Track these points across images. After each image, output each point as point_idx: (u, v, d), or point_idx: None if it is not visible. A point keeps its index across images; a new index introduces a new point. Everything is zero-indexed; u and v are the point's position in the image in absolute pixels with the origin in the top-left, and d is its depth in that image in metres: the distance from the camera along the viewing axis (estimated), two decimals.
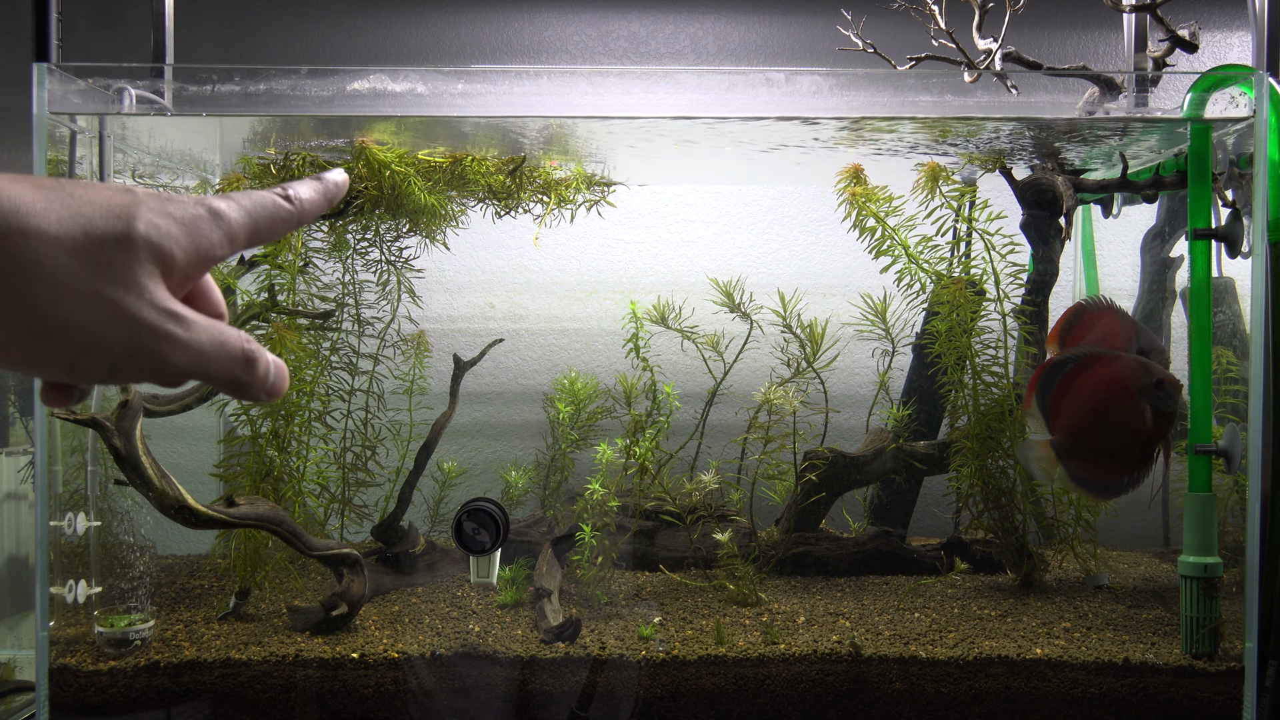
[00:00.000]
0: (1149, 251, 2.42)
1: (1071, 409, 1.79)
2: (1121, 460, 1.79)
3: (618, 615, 1.92)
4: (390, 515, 2.12)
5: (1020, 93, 1.88)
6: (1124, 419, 1.77)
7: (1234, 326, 2.18)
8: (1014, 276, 2.10)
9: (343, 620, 1.84)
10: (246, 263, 2.05)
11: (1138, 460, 1.77)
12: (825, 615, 1.93)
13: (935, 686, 1.71)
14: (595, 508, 2.01)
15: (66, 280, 0.54)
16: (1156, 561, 2.34)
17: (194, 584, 2.12)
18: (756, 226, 2.56)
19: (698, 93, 1.85)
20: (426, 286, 2.28)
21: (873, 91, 1.77)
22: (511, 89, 1.79)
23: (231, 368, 0.61)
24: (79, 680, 1.69)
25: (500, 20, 2.62)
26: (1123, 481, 1.78)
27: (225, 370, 0.61)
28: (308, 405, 2.04)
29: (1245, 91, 1.70)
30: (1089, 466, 1.80)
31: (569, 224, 2.22)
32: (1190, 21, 1.97)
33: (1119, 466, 1.79)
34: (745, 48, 2.64)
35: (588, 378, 2.34)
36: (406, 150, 1.97)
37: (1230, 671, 1.70)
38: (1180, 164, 1.93)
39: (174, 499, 1.73)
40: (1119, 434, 1.78)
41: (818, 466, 2.19)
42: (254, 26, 2.55)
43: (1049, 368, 1.82)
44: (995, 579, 2.17)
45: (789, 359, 2.21)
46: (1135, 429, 1.76)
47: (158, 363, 0.58)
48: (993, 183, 2.18)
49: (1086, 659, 1.72)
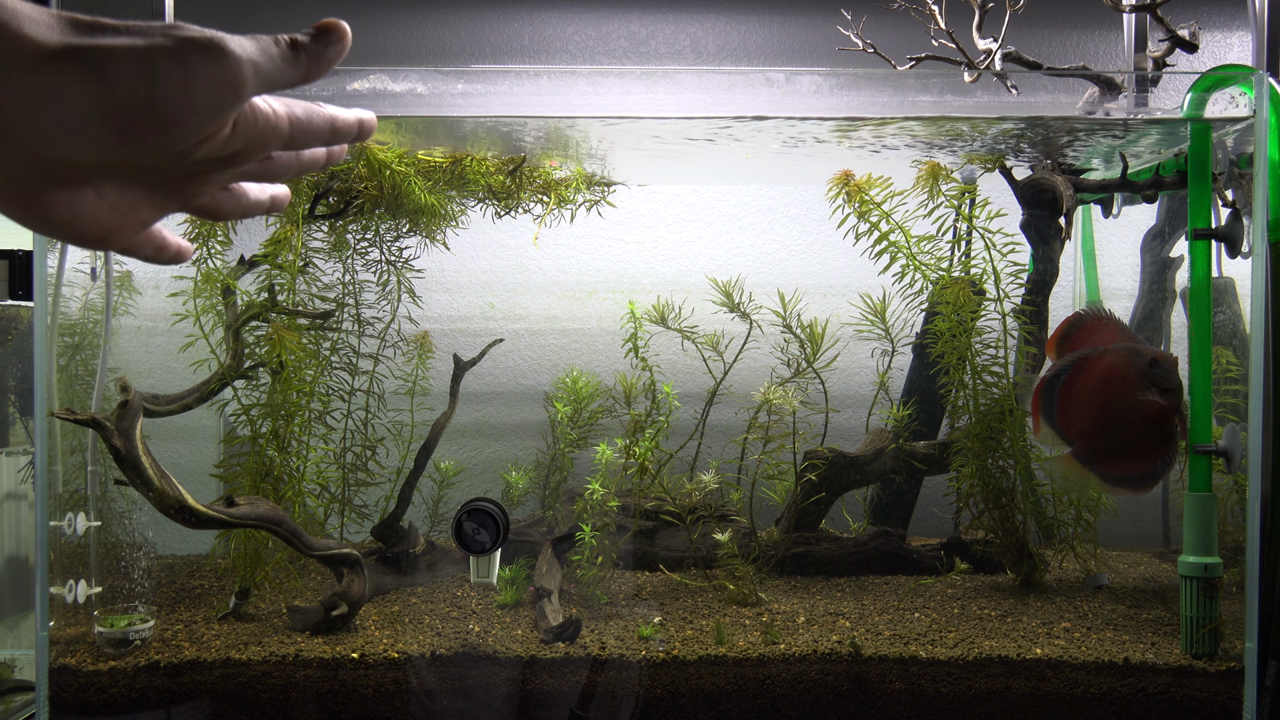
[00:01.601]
0: (1149, 251, 2.42)
1: (1080, 416, 1.78)
2: (1146, 447, 1.77)
3: (618, 615, 1.92)
4: (390, 515, 2.12)
5: (1020, 93, 1.88)
6: (1133, 408, 1.76)
7: (1234, 326, 2.18)
8: (1014, 276, 2.10)
9: (343, 620, 1.84)
10: (247, 263, 2.05)
11: (1162, 441, 1.75)
12: (825, 615, 1.93)
13: (935, 686, 1.71)
14: (595, 508, 2.01)
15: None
16: (1156, 561, 2.34)
17: (194, 584, 2.12)
18: (756, 226, 2.56)
19: (698, 93, 1.85)
20: (426, 286, 2.28)
21: (873, 91, 1.77)
22: (511, 89, 1.79)
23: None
24: (79, 680, 1.69)
25: (500, 20, 2.62)
26: (1156, 467, 1.76)
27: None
28: (308, 405, 2.04)
29: (1245, 91, 1.70)
30: (1118, 465, 1.79)
31: (569, 224, 2.22)
32: (1190, 21, 1.98)
33: (1146, 453, 1.77)
34: (745, 48, 2.64)
35: (589, 376, 2.34)
36: (406, 150, 1.97)
37: (1230, 671, 1.69)
38: (1180, 164, 1.93)
39: (174, 499, 1.73)
40: (1134, 423, 1.76)
41: (818, 466, 2.19)
42: (253, 26, 2.55)
43: (1045, 385, 1.81)
44: (995, 579, 2.17)
45: (789, 359, 2.21)
46: (1147, 413, 1.75)
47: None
48: (993, 182, 2.18)
49: (1086, 659, 1.72)
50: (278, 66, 0.61)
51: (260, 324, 2.00)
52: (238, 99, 0.60)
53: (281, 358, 1.96)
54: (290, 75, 0.63)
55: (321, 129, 0.69)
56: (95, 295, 2.01)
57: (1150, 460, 1.76)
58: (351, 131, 0.71)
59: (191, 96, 0.57)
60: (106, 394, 1.90)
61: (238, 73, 0.59)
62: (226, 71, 0.58)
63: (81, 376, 2.02)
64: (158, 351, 2.14)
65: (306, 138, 0.68)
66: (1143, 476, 1.80)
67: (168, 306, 2.02)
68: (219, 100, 0.58)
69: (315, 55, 0.63)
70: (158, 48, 0.56)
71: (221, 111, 0.59)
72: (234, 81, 0.59)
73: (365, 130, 0.72)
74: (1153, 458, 1.76)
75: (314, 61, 0.63)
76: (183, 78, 0.57)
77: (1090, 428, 1.78)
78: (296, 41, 0.63)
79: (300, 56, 0.63)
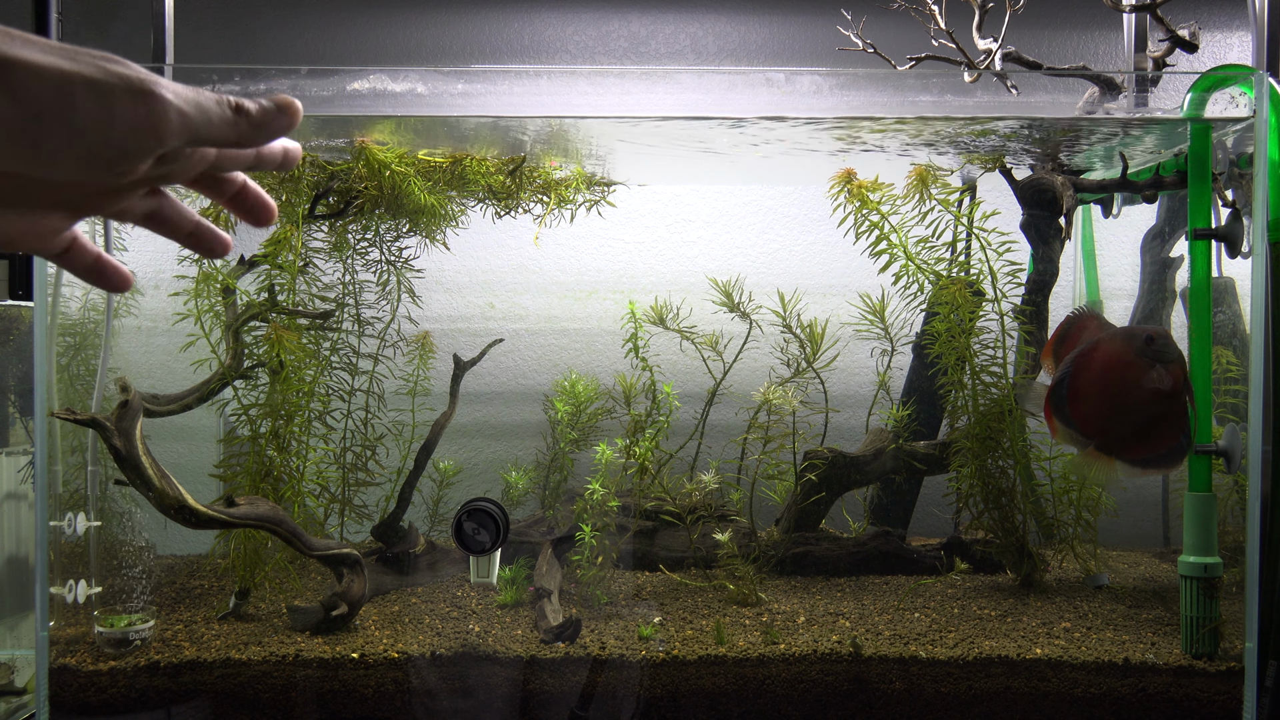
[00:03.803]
0: (1149, 251, 2.42)
1: (1092, 410, 1.78)
2: (1165, 424, 1.76)
3: (618, 615, 1.92)
4: (390, 515, 2.12)
5: (1020, 93, 1.88)
6: (1141, 387, 1.75)
7: (1234, 326, 2.18)
8: (1012, 276, 2.10)
9: (343, 620, 1.84)
10: (246, 263, 2.05)
11: (1179, 415, 1.75)
12: (825, 615, 1.93)
13: (935, 686, 1.71)
14: (595, 508, 2.01)
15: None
16: (1156, 561, 2.34)
17: (194, 584, 2.12)
18: (756, 226, 2.56)
19: (698, 93, 1.85)
20: (426, 286, 2.28)
21: (873, 91, 1.77)
22: (511, 89, 1.79)
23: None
24: (79, 680, 1.69)
25: (500, 20, 2.62)
26: (1181, 441, 1.76)
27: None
28: (308, 405, 2.04)
29: (1245, 91, 1.70)
30: (1142, 448, 1.78)
31: (569, 224, 2.22)
32: (1190, 21, 1.98)
33: (1167, 428, 1.76)
34: (745, 48, 2.64)
35: (588, 379, 2.34)
36: (406, 150, 1.97)
37: (1230, 671, 1.70)
38: (1180, 164, 1.93)
39: (174, 499, 1.73)
40: (1146, 402, 1.75)
41: (818, 466, 2.19)
42: (254, 26, 2.56)
43: (1052, 391, 1.82)
44: (995, 579, 2.17)
45: (789, 359, 2.21)
46: (1156, 391, 1.74)
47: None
48: (993, 182, 2.18)
49: (1086, 659, 1.72)
50: (211, 124, 0.61)
51: (260, 324, 2.00)
52: (159, 144, 0.59)
53: (281, 358, 1.96)
54: (224, 136, 0.63)
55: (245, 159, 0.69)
56: (95, 295, 2.01)
57: (1174, 434, 1.76)
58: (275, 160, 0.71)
59: (109, 132, 0.57)
60: (106, 394, 1.90)
61: (163, 119, 0.58)
62: (152, 115, 0.58)
63: (81, 376, 2.02)
64: (158, 351, 2.14)
65: (231, 162, 0.69)
66: (1170, 453, 1.78)
67: (168, 306, 2.02)
68: (138, 141, 0.58)
69: (257, 124, 0.64)
70: (83, 76, 0.56)
71: (139, 154, 0.59)
72: (157, 126, 0.58)
73: (290, 161, 0.72)
74: (1175, 431, 1.75)
75: (254, 129, 0.64)
76: (102, 111, 0.56)
77: (1105, 418, 1.78)
78: (241, 106, 0.63)
79: (240, 121, 0.63)
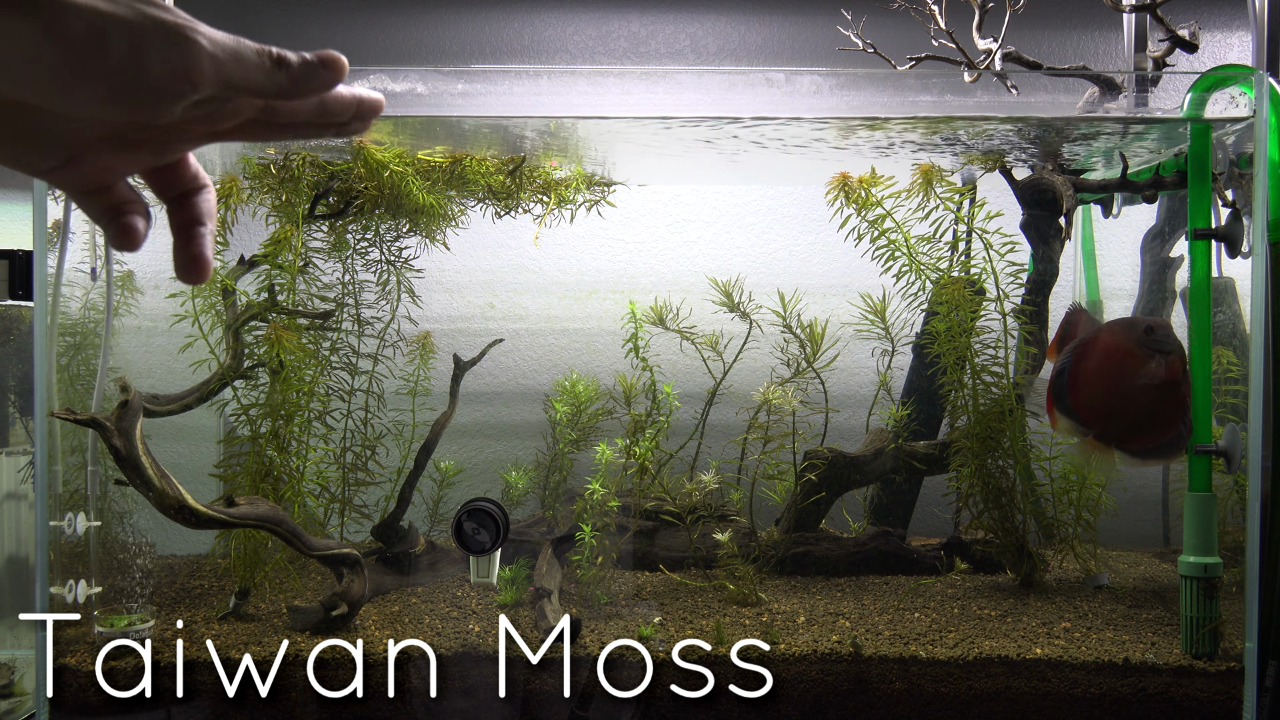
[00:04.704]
0: (1149, 251, 2.42)
1: (1092, 398, 1.78)
2: (1164, 414, 1.76)
3: (618, 615, 1.92)
4: (390, 515, 2.12)
5: (1020, 93, 1.88)
6: (1140, 378, 1.75)
7: (1234, 326, 2.18)
8: (1013, 276, 2.10)
9: (343, 620, 1.84)
10: (247, 263, 2.05)
11: (1180, 404, 1.74)
12: (825, 615, 1.93)
13: (935, 686, 1.71)
14: (595, 508, 2.01)
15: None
16: (1156, 561, 2.34)
17: (194, 584, 2.12)
18: (756, 226, 2.56)
19: (698, 93, 1.85)
20: (426, 286, 2.28)
21: (873, 91, 1.77)
22: (511, 89, 1.79)
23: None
24: (79, 680, 1.69)
25: (500, 20, 2.62)
26: (1180, 432, 1.76)
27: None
28: (307, 405, 2.04)
29: (1245, 91, 1.70)
30: (1142, 438, 1.78)
31: (569, 224, 2.22)
32: (1190, 21, 1.98)
33: (1166, 419, 1.76)
34: (745, 48, 2.64)
35: (588, 379, 2.34)
36: (406, 150, 1.97)
37: (1230, 671, 1.70)
38: (1180, 164, 1.93)
39: (174, 499, 1.73)
40: (1145, 392, 1.75)
41: (817, 466, 2.19)
42: (254, 26, 2.55)
43: (1053, 381, 1.82)
44: (995, 579, 2.17)
45: (789, 359, 2.21)
46: (1155, 380, 1.74)
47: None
48: (993, 182, 2.18)
49: (1086, 659, 1.72)
50: (248, 74, 0.60)
51: (260, 324, 2.00)
52: (194, 89, 0.58)
53: (281, 358, 1.96)
54: (261, 86, 0.61)
55: (303, 110, 0.65)
56: (95, 295, 2.01)
57: (1173, 425, 1.75)
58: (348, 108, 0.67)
59: (141, 74, 0.56)
60: (106, 394, 1.90)
61: (196, 65, 0.57)
62: (185, 61, 0.57)
63: (81, 376, 2.02)
64: (158, 351, 2.14)
65: (287, 114, 0.66)
66: (1170, 443, 1.78)
67: (168, 306, 2.02)
68: (171, 86, 0.57)
69: (298, 77, 0.62)
70: (118, 17, 0.55)
71: (172, 98, 0.58)
72: (190, 72, 0.57)
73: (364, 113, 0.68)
74: (1175, 422, 1.75)
75: (293, 83, 0.62)
76: (135, 53, 0.55)
77: (1104, 407, 1.78)
78: (283, 59, 0.61)
79: (279, 74, 0.61)
